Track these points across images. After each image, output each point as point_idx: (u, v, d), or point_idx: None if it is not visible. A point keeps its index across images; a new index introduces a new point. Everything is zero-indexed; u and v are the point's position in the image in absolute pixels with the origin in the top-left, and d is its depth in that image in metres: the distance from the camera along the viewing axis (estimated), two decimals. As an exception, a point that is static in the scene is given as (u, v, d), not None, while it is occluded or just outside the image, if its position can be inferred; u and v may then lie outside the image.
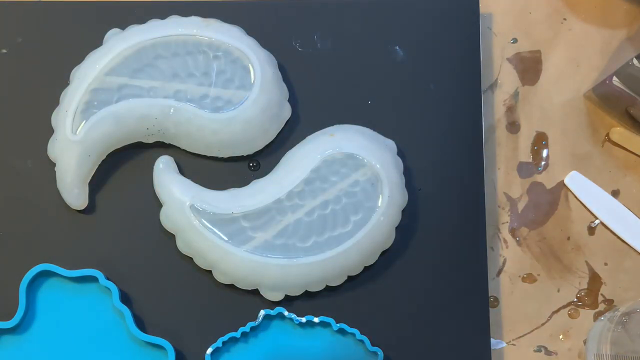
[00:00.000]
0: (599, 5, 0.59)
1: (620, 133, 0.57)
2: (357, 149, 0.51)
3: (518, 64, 0.58)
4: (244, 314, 0.51)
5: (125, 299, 0.51)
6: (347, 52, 0.56)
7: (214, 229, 0.50)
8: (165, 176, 0.52)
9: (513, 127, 0.57)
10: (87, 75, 0.51)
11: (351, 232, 0.50)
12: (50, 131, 0.52)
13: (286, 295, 0.51)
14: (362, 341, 0.50)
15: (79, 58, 0.53)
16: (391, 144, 0.53)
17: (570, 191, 0.56)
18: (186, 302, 0.52)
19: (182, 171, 0.53)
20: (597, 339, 0.52)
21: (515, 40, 0.58)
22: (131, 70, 0.51)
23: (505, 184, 0.56)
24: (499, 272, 0.55)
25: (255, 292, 0.51)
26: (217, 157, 0.53)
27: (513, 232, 0.56)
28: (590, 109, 0.58)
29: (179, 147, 0.53)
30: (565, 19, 0.59)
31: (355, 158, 0.51)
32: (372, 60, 0.56)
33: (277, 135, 0.54)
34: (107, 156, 0.52)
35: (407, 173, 0.53)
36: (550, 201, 0.56)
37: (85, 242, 0.52)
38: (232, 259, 0.49)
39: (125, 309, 0.50)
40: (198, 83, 0.52)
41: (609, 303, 0.55)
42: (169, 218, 0.51)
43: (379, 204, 0.50)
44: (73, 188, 0.51)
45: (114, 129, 0.51)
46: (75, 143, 0.51)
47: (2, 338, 0.50)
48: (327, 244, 0.50)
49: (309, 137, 0.53)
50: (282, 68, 0.54)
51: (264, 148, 0.53)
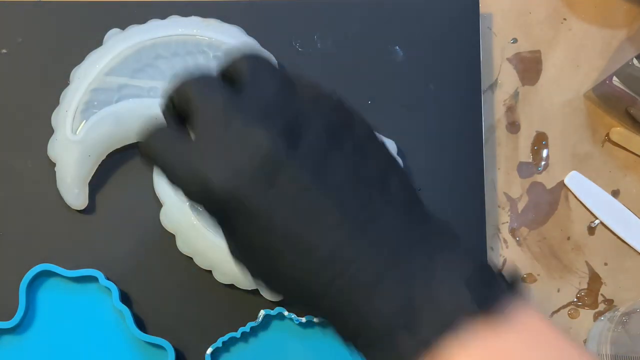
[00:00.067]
0: (599, 5, 0.59)
1: (620, 133, 0.57)
2: (357, 149, 0.51)
3: (518, 64, 0.58)
4: (244, 314, 0.51)
5: (125, 299, 0.51)
6: (347, 52, 0.56)
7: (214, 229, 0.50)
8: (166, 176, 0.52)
9: (513, 127, 0.57)
10: (87, 75, 0.51)
11: (351, 232, 0.50)
12: (50, 131, 0.52)
13: (286, 295, 0.51)
14: (362, 341, 0.50)
15: (79, 58, 0.53)
16: (391, 144, 0.53)
17: (570, 191, 0.56)
18: (186, 302, 0.52)
19: (182, 171, 0.53)
20: (597, 339, 0.52)
21: (515, 40, 0.58)
22: (131, 70, 0.51)
23: (505, 184, 0.56)
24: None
25: (255, 292, 0.51)
26: (217, 157, 0.53)
27: (513, 232, 0.56)
28: (590, 109, 0.58)
29: (179, 147, 0.53)
30: (565, 19, 0.59)
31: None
32: (372, 60, 0.56)
33: (277, 135, 0.54)
34: (107, 156, 0.52)
35: (407, 173, 0.53)
36: (550, 201, 0.56)
37: (85, 242, 0.52)
38: (232, 259, 0.49)
39: (125, 309, 0.50)
40: (198, 83, 0.52)
41: (609, 303, 0.55)
42: (169, 218, 0.51)
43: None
44: (73, 188, 0.51)
45: (114, 129, 0.51)
46: (75, 143, 0.51)
47: (2, 338, 0.50)
48: (327, 244, 0.50)
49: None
50: (282, 68, 0.54)
51: (264, 148, 0.53)
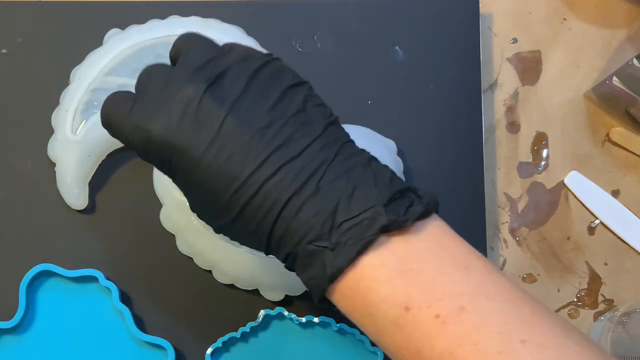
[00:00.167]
0: (599, 5, 0.59)
1: (620, 133, 0.57)
2: (357, 149, 0.51)
3: (518, 64, 0.58)
4: (244, 314, 0.51)
5: (125, 299, 0.51)
6: (347, 52, 0.56)
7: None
8: (166, 176, 0.52)
9: (513, 127, 0.57)
10: (87, 75, 0.51)
11: (351, 232, 0.50)
12: (50, 131, 0.52)
13: (286, 295, 0.51)
14: (362, 341, 0.50)
15: (79, 58, 0.53)
16: (391, 144, 0.53)
17: (570, 191, 0.56)
18: (186, 302, 0.52)
19: (182, 171, 0.53)
20: (597, 339, 0.52)
21: (515, 40, 0.58)
22: (131, 70, 0.51)
23: (505, 184, 0.56)
24: (499, 272, 0.55)
25: (255, 292, 0.51)
26: (217, 157, 0.53)
27: (513, 232, 0.56)
28: (590, 109, 0.58)
29: (179, 147, 0.53)
30: (565, 19, 0.59)
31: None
32: (372, 60, 0.56)
33: (277, 135, 0.54)
34: (107, 156, 0.52)
35: (407, 173, 0.53)
36: (550, 201, 0.56)
37: (85, 242, 0.52)
38: (232, 259, 0.49)
39: (125, 309, 0.50)
40: (198, 83, 0.52)
41: (609, 303, 0.55)
42: (169, 218, 0.51)
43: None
44: (73, 188, 0.51)
45: (114, 129, 0.51)
46: (75, 143, 0.51)
47: (2, 338, 0.50)
48: (327, 244, 0.50)
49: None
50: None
51: (264, 148, 0.53)
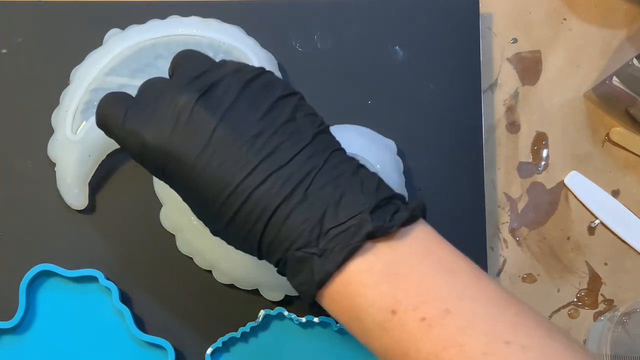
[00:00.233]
0: (599, 5, 0.59)
1: (620, 133, 0.57)
2: (357, 149, 0.51)
3: (518, 64, 0.58)
4: (244, 314, 0.51)
5: (125, 299, 0.51)
6: (347, 52, 0.56)
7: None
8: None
9: (513, 127, 0.57)
10: (87, 75, 0.51)
11: (351, 232, 0.50)
12: (50, 131, 0.52)
13: (286, 295, 0.51)
14: (362, 341, 0.50)
15: (79, 58, 0.53)
16: (391, 144, 0.53)
17: (570, 191, 0.56)
18: (186, 302, 0.52)
19: (182, 171, 0.53)
20: (597, 339, 0.52)
21: (515, 40, 0.58)
22: (131, 70, 0.51)
23: (505, 184, 0.56)
24: (499, 272, 0.55)
25: (255, 292, 0.51)
26: (217, 157, 0.53)
27: (513, 232, 0.56)
28: (590, 109, 0.58)
29: (179, 147, 0.53)
30: (565, 19, 0.59)
31: (354, 158, 0.51)
32: (372, 60, 0.56)
33: (277, 135, 0.54)
34: (107, 156, 0.52)
35: (407, 173, 0.53)
36: (550, 201, 0.56)
37: (85, 242, 0.52)
38: (232, 258, 0.49)
39: (125, 309, 0.50)
40: (198, 83, 0.52)
41: (609, 303, 0.55)
42: (169, 218, 0.51)
43: (379, 204, 0.50)
44: (73, 188, 0.51)
45: (114, 129, 0.51)
46: (75, 143, 0.51)
47: (2, 338, 0.50)
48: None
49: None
50: (282, 68, 0.54)
51: (264, 148, 0.53)
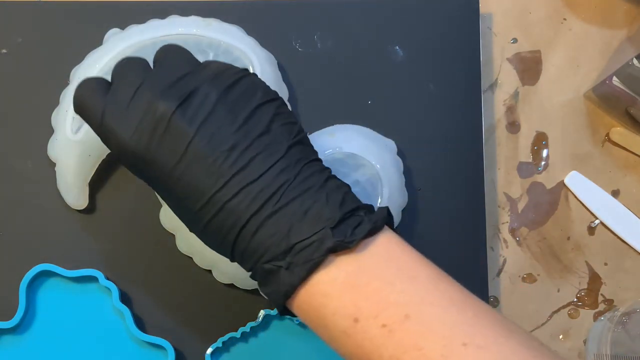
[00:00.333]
0: (599, 5, 0.59)
1: (620, 133, 0.57)
2: (356, 149, 0.51)
3: (518, 64, 0.58)
4: (244, 314, 0.51)
5: (125, 299, 0.51)
6: (347, 52, 0.56)
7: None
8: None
9: (513, 127, 0.57)
10: (87, 75, 0.51)
11: (351, 232, 0.50)
12: (50, 131, 0.52)
13: (286, 295, 0.51)
14: (362, 341, 0.50)
15: (79, 58, 0.53)
16: (391, 144, 0.53)
17: (570, 191, 0.56)
18: (186, 302, 0.52)
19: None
20: (597, 339, 0.52)
21: (515, 40, 0.58)
22: (131, 70, 0.51)
23: (505, 184, 0.56)
24: (499, 272, 0.55)
25: (255, 292, 0.51)
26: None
27: (513, 232, 0.56)
28: (590, 109, 0.58)
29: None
30: (565, 19, 0.59)
31: (355, 158, 0.51)
32: (372, 60, 0.56)
33: (277, 135, 0.54)
34: (107, 156, 0.52)
35: (407, 173, 0.53)
36: (550, 201, 0.56)
37: (85, 242, 0.52)
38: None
39: (125, 309, 0.50)
40: (198, 83, 0.52)
41: (609, 303, 0.55)
42: (169, 218, 0.51)
43: (379, 204, 0.50)
44: (73, 188, 0.51)
45: (114, 128, 0.51)
46: (75, 143, 0.51)
47: (2, 338, 0.50)
48: (327, 244, 0.50)
49: (308, 137, 0.53)
50: (282, 68, 0.54)
51: (264, 148, 0.53)
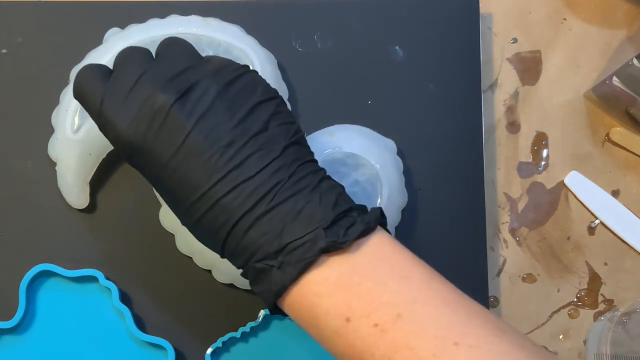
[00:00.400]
0: (599, 5, 0.59)
1: (620, 133, 0.57)
2: (356, 149, 0.51)
3: (518, 64, 0.58)
4: (244, 314, 0.51)
5: (125, 299, 0.51)
6: (347, 52, 0.56)
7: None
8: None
9: (513, 127, 0.57)
10: (87, 75, 0.51)
11: (351, 232, 0.50)
12: (50, 131, 0.52)
13: (286, 295, 0.51)
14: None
15: (79, 58, 0.53)
16: (391, 144, 0.53)
17: (570, 191, 0.56)
18: (186, 302, 0.52)
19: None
20: (597, 339, 0.52)
21: (515, 40, 0.58)
22: (131, 70, 0.51)
23: (505, 184, 0.56)
24: (499, 272, 0.55)
25: (255, 292, 0.51)
26: (217, 157, 0.53)
27: (513, 232, 0.56)
28: (590, 109, 0.58)
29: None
30: (565, 19, 0.59)
31: (354, 158, 0.51)
32: (372, 60, 0.56)
33: (277, 135, 0.54)
34: (107, 155, 0.52)
35: (407, 173, 0.53)
36: (550, 201, 0.56)
37: (85, 242, 0.52)
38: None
39: (125, 309, 0.50)
40: (198, 83, 0.52)
41: (609, 303, 0.55)
42: (169, 218, 0.51)
43: (378, 204, 0.50)
44: (74, 187, 0.51)
45: (114, 128, 0.51)
46: (75, 142, 0.51)
47: (2, 338, 0.50)
48: (327, 244, 0.50)
49: (308, 137, 0.53)
50: (282, 68, 0.54)
51: (264, 148, 0.53)
